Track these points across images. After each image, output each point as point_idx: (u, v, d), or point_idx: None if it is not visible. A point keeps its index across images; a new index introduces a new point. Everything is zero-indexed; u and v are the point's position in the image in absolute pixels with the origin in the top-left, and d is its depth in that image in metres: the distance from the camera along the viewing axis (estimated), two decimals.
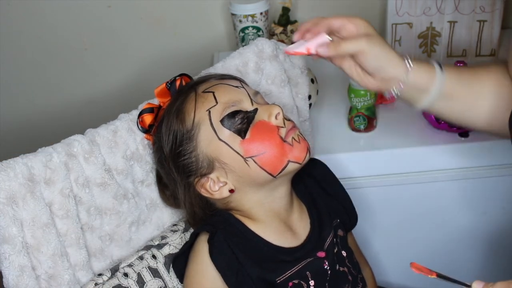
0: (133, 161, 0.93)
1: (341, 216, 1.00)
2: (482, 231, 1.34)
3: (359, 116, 1.28)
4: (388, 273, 1.40)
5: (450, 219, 1.34)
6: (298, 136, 0.88)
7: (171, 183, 0.93)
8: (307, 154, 0.88)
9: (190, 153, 0.87)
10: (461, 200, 1.31)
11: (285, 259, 0.90)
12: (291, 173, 0.90)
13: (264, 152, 0.85)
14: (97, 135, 0.90)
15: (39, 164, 0.82)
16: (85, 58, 1.69)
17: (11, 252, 0.79)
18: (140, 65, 1.70)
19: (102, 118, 0.96)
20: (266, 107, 0.88)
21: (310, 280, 0.90)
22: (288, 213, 0.93)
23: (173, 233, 0.98)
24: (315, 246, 0.93)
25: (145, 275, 0.92)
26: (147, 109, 0.93)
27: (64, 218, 0.85)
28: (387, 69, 0.88)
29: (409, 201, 1.31)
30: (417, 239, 1.37)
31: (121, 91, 1.71)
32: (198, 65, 1.20)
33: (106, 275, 0.90)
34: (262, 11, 1.47)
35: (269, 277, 0.87)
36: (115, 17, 1.63)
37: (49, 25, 1.63)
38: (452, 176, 1.26)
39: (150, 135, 0.94)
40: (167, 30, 1.65)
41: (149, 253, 0.94)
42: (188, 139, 0.87)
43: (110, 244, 0.92)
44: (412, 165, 1.26)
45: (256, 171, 0.86)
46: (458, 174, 1.26)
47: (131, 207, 0.93)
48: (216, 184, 0.89)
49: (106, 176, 0.89)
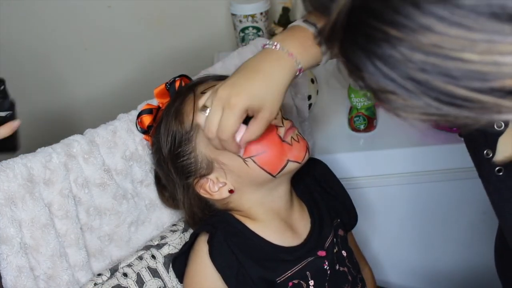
0: (132, 162, 0.93)
1: (342, 215, 1.00)
2: (482, 231, 1.34)
3: (359, 116, 1.28)
4: (388, 273, 1.40)
5: (450, 219, 1.34)
6: (297, 135, 0.88)
7: (170, 184, 0.93)
8: (306, 153, 0.88)
9: (189, 154, 0.87)
10: (461, 200, 1.31)
11: (286, 258, 0.90)
12: (290, 173, 0.90)
13: (263, 152, 0.85)
14: (97, 136, 0.90)
15: (38, 165, 0.82)
16: (85, 58, 1.69)
17: (9, 252, 0.79)
18: (140, 65, 1.70)
19: (102, 118, 0.96)
20: None
21: (310, 280, 0.90)
22: (288, 212, 0.93)
23: (172, 233, 0.97)
24: (315, 245, 0.93)
25: (145, 275, 0.92)
26: (146, 110, 0.93)
27: (64, 218, 0.85)
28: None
29: (409, 201, 1.31)
30: (417, 239, 1.37)
31: (121, 91, 1.71)
32: (198, 65, 1.19)
33: (106, 275, 0.90)
34: (262, 11, 1.47)
35: (270, 277, 0.87)
36: (115, 17, 1.63)
37: (49, 25, 1.63)
38: (452, 176, 1.26)
39: (149, 136, 0.94)
40: (167, 30, 1.65)
41: (149, 253, 0.94)
42: (187, 140, 0.87)
43: (109, 244, 0.92)
44: (412, 165, 1.26)
45: (255, 171, 0.86)
46: (458, 174, 1.26)
47: (131, 207, 0.93)
48: (215, 185, 0.88)
49: (105, 176, 0.89)
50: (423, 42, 0.39)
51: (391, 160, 1.26)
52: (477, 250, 1.38)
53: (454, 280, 1.42)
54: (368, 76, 0.42)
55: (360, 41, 0.42)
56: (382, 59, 0.41)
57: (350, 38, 0.43)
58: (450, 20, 0.37)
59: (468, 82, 0.39)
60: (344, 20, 0.42)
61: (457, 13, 0.37)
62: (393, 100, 0.43)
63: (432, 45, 0.38)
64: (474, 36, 0.37)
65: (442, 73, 0.39)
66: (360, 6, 0.41)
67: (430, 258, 1.40)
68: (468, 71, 0.38)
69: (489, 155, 0.73)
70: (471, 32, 0.37)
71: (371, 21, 0.40)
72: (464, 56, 0.38)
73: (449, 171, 1.26)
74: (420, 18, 0.38)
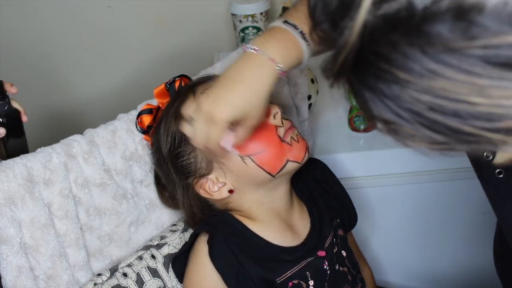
0: (132, 161, 0.93)
1: (341, 215, 1.00)
2: (481, 231, 1.34)
3: (359, 116, 1.28)
4: (388, 273, 1.40)
5: (449, 219, 1.34)
6: (296, 135, 0.88)
7: (170, 184, 0.93)
8: (306, 153, 0.88)
9: (189, 154, 0.87)
10: (461, 200, 1.31)
11: (286, 259, 0.90)
12: (290, 173, 0.90)
13: (262, 151, 0.85)
14: (96, 136, 0.90)
15: (38, 165, 0.82)
16: (85, 58, 1.69)
17: (9, 253, 0.79)
18: (140, 65, 1.70)
19: (102, 118, 0.96)
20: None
21: (310, 280, 0.90)
22: (288, 212, 0.93)
23: (172, 233, 0.97)
24: (315, 245, 0.93)
25: (144, 275, 0.92)
26: (146, 110, 0.93)
27: (64, 218, 0.85)
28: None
29: (409, 201, 1.31)
30: (416, 239, 1.37)
31: (121, 91, 1.71)
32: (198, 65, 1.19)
33: (105, 275, 0.90)
34: (262, 11, 1.47)
35: (269, 277, 0.87)
36: (115, 17, 1.63)
37: (49, 25, 1.63)
38: (451, 176, 1.26)
39: (149, 136, 0.94)
40: (167, 30, 1.65)
41: (148, 253, 0.94)
42: (187, 140, 0.87)
43: (109, 244, 0.92)
44: (412, 165, 1.26)
45: (254, 171, 0.86)
46: (458, 174, 1.26)
47: (130, 207, 0.93)
48: (215, 185, 0.88)
49: (105, 176, 0.89)
50: (431, 85, 0.40)
51: (391, 160, 1.26)
52: (477, 250, 1.37)
53: (453, 280, 1.42)
54: (376, 110, 0.44)
55: (368, 80, 0.43)
56: (390, 98, 0.42)
57: (358, 76, 0.44)
58: (458, 67, 0.39)
59: (475, 121, 0.40)
60: (353, 59, 0.43)
61: (465, 61, 0.38)
62: (401, 131, 0.44)
63: (440, 88, 0.40)
64: (482, 82, 0.38)
65: (450, 113, 0.40)
66: (369, 48, 0.42)
67: (430, 258, 1.40)
68: (476, 112, 0.40)
69: (489, 157, 0.73)
70: (479, 79, 0.38)
71: (380, 63, 0.41)
72: (471, 100, 0.39)
73: (449, 171, 1.26)
74: (429, 64, 0.39)
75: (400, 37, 0.40)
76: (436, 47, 0.39)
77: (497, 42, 0.37)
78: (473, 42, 0.38)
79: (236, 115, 0.75)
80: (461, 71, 0.39)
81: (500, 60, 0.38)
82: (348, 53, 0.43)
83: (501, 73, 0.38)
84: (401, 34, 0.40)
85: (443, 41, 0.38)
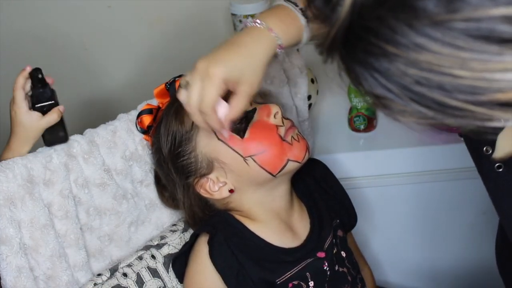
0: (132, 161, 0.93)
1: (341, 216, 1.00)
2: (482, 231, 1.34)
3: (359, 116, 1.28)
4: (388, 273, 1.40)
5: (450, 219, 1.34)
6: (297, 135, 0.89)
7: (170, 184, 0.93)
8: (306, 153, 0.88)
9: (189, 154, 0.87)
10: (461, 200, 1.31)
11: (286, 260, 0.90)
12: (290, 172, 0.90)
13: (263, 151, 0.85)
14: (96, 136, 0.90)
15: (38, 166, 0.82)
16: (85, 58, 1.69)
17: (9, 253, 0.79)
18: (140, 65, 1.70)
19: (101, 118, 0.96)
20: (264, 106, 0.88)
21: (310, 281, 0.90)
22: (288, 213, 0.93)
23: (172, 233, 0.97)
24: (315, 246, 0.93)
25: (144, 275, 0.92)
26: (146, 110, 0.93)
27: (64, 218, 0.85)
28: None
29: (409, 201, 1.31)
30: (417, 239, 1.37)
31: (121, 91, 1.71)
32: None
33: (105, 275, 0.90)
34: (262, 11, 1.46)
35: (270, 278, 0.87)
36: (115, 17, 1.63)
37: (49, 25, 1.62)
38: (452, 176, 1.26)
39: (149, 136, 0.94)
40: (167, 30, 1.65)
41: (148, 253, 0.94)
42: (187, 140, 0.87)
43: (109, 244, 0.92)
44: (412, 165, 1.26)
45: (255, 170, 0.86)
46: (458, 174, 1.26)
47: (130, 207, 0.93)
48: (215, 185, 0.88)
49: (105, 176, 0.89)
50: (418, 58, 0.41)
51: (391, 160, 1.26)
52: (477, 250, 1.37)
53: (454, 280, 1.42)
54: (367, 85, 0.45)
55: (359, 54, 0.44)
56: (380, 72, 0.43)
57: (349, 51, 0.45)
58: (442, 41, 0.40)
59: (460, 95, 0.41)
60: (344, 34, 0.45)
61: (448, 35, 0.39)
62: (391, 106, 0.45)
63: (425, 61, 0.41)
64: (464, 55, 0.40)
65: (435, 86, 0.42)
66: (359, 23, 0.43)
67: (430, 258, 1.39)
68: (459, 85, 0.41)
69: (489, 151, 0.74)
70: (462, 52, 0.40)
71: (369, 37, 0.43)
72: (455, 73, 0.40)
73: (449, 171, 1.26)
74: (415, 38, 0.40)
75: (387, 11, 0.41)
76: (422, 21, 0.40)
77: (478, 15, 0.38)
78: (456, 15, 0.39)
79: (231, 74, 0.75)
80: (444, 45, 0.40)
81: (481, 33, 0.39)
82: (339, 28, 0.45)
83: (482, 46, 0.39)
84: (388, 8, 0.41)
85: (428, 15, 0.40)
